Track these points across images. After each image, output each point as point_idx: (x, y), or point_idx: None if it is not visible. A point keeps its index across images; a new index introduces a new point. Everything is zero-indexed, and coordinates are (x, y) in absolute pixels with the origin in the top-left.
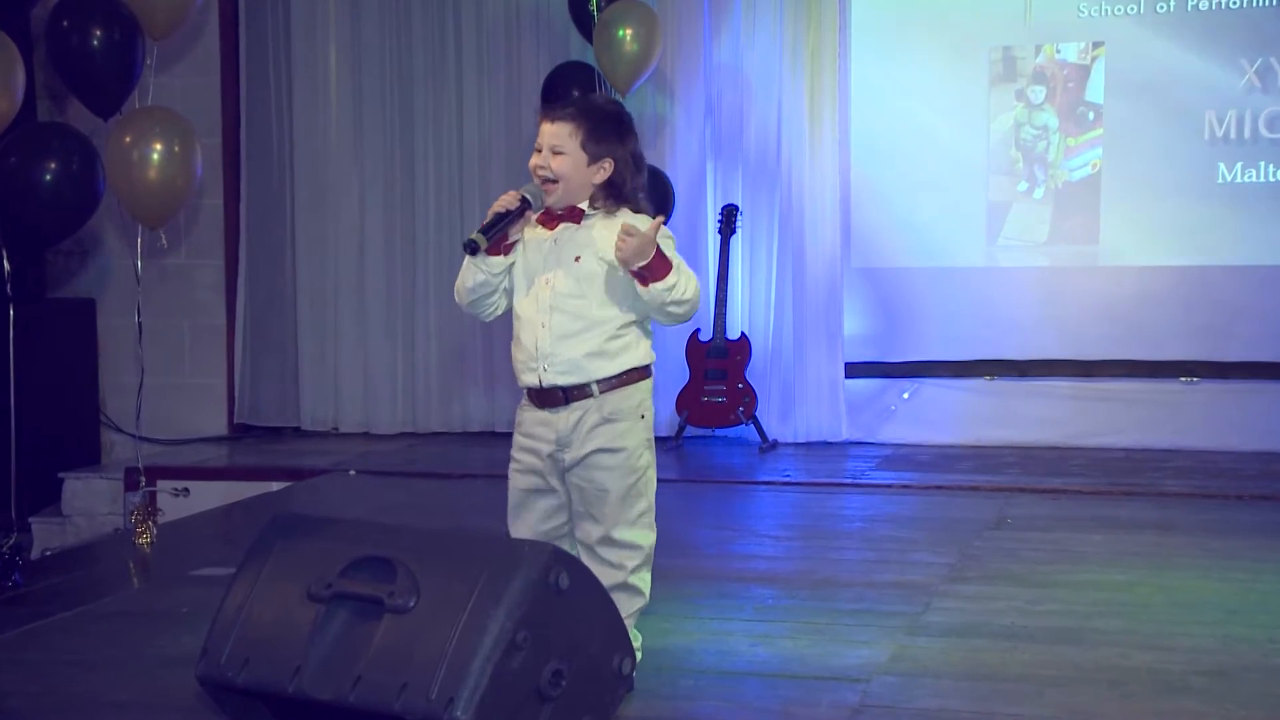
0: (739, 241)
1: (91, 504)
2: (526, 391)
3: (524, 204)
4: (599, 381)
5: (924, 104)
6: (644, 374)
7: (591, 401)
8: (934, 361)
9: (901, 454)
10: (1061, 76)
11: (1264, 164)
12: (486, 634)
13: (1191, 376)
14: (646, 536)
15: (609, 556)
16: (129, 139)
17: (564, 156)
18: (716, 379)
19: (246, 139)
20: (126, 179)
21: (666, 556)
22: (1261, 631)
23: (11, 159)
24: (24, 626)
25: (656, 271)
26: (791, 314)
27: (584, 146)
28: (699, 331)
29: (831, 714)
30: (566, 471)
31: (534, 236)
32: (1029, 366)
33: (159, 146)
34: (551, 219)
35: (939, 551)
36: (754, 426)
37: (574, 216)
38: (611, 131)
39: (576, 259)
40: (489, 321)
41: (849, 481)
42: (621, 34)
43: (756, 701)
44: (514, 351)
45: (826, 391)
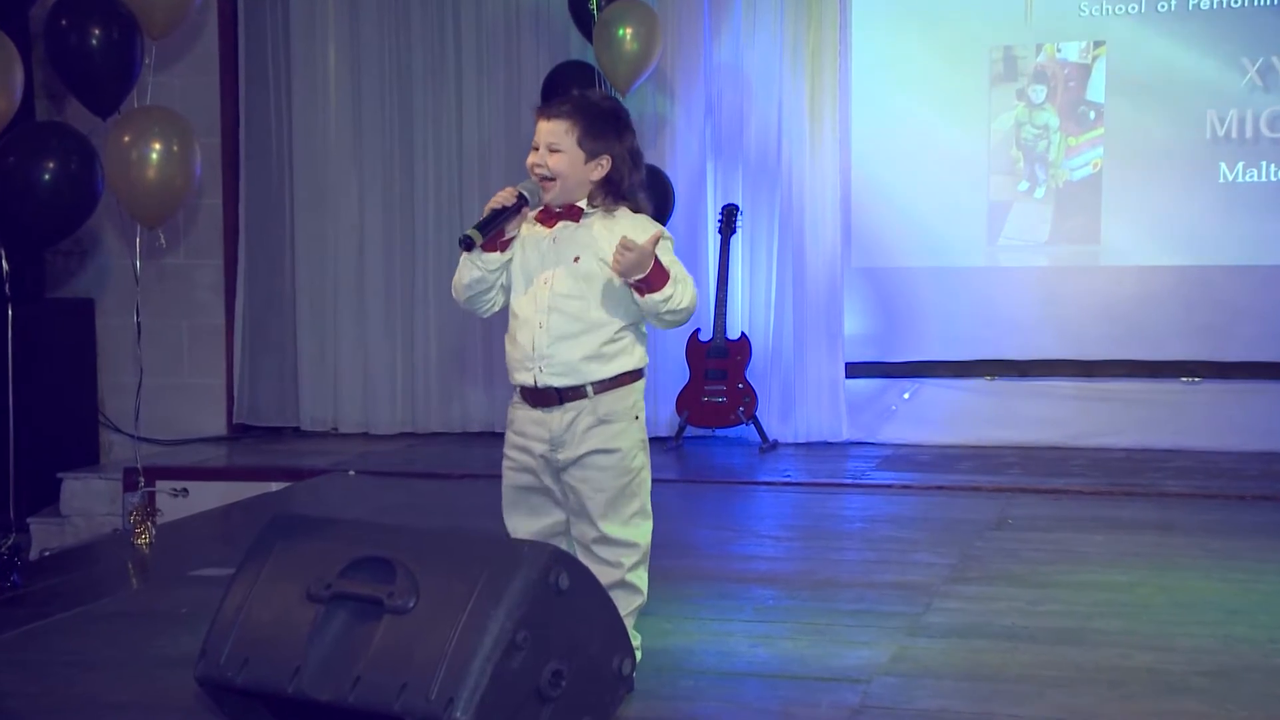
0: (739, 241)
1: (90, 504)
2: (520, 390)
3: (521, 200)
4: (594, 383)
5: (925, 103)
6: (637, 376)
7: (586, 403)
8: (934, 361)
9: (902, 454)
10: (1062, 76)
11: (1265, 163)
12: (486, 634)
13: (1193, 376)
14: (642, 534)
15: (605, 555)
16: (128, 138)
17: (561, 154)
18: (717, 379)
19: (245, 139)
20: (125, 179)
21: (666, 557)
22: (1263, 632)
23: (10, 158)
24: (22, 627)
25: (654, 283)
26: (792, 314)
27: (580, 144)
28: (699, 331)
29: (832, 715)
30: (561, 471)
31: (532, 234)
32: (1030, 366)
33: (158, 146)
34: (550, 217)
35: (940, 552)
36: (754, 427)
37: (573, 215)
38: (608, 128)
39: (576, 259)
40: (487, 318)
41: (849, 482)
42: (621, 33)
43: (757, 702)
44: (509, 349)
45: (827, 391)
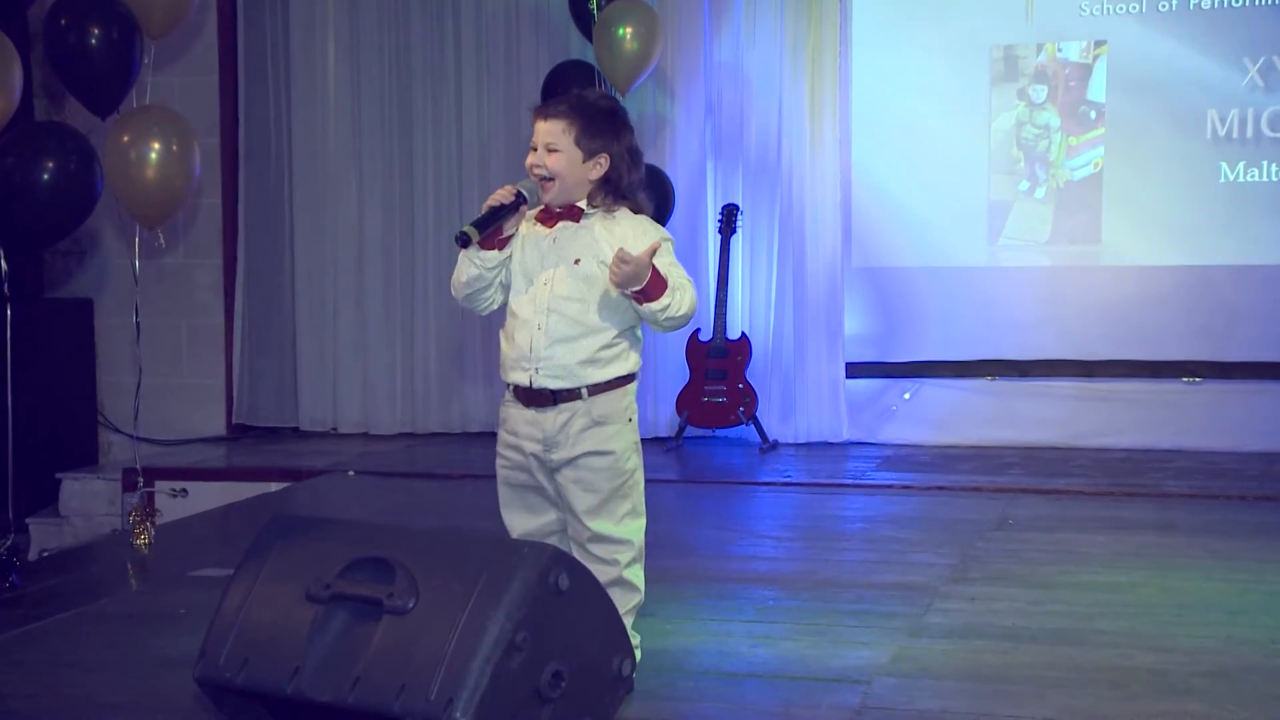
0: (739, 241)
1: (89, 505)
2: (513, 388)
3: (519, 199)
4: (588, 386)
5: (925, 103)
6: (631, 379)
7: (580, 404)
8: (935, 361)
9: (902, 454)
10: (1063, 75)
11: (1266, 163)
12: (486, 635)
13: (1193, 377)
14: (635, 531)
15: (600, 553)
16: (127, 138)
17: (559, 153)
18: (717, 379)
19: (245, 138)
20: (124, 178)
21: (666, 557)
22: (1264, 633)
23: (9, 158)
24: (21, 628)
25: (651, 293)
26: (792, 314)
27: (578, 143)
28: (699, 331)
29: (832, 715)
30: (554, 471)
31: (532, 234)
32: (1030, 366)
33: (157, 146)
34: (550, 217)
35: (940, 552)
36: (754, 427)
37: (573, 215)
38: (606, 127)
39: (576, 261)
40: (486, 315)
41: (850, 482)
42: (621, 33)
43: (757, 703)
44: (505, 347)
45: (827, 392)
